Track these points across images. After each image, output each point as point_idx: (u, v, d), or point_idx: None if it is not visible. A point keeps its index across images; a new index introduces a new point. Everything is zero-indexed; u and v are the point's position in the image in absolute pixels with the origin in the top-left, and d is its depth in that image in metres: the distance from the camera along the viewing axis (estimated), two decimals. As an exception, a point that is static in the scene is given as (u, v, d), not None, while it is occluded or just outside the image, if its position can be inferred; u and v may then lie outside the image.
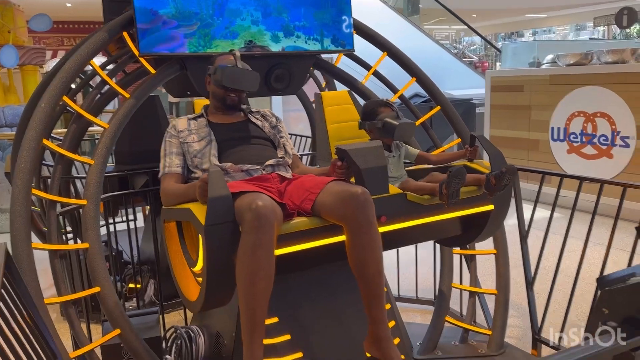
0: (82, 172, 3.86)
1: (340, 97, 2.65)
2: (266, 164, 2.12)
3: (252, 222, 1.62)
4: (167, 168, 2.14)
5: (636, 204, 2.21)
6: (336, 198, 1.80)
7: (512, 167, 2.03)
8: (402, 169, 2.36)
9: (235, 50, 2.23)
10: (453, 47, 17.67)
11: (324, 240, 1.88)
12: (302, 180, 2.02)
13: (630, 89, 4.86)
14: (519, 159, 5.89)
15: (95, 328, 2.85)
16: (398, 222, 2.03)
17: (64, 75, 2.16)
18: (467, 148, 2.27)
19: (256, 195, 1.70)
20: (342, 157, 1.96)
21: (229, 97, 2.21)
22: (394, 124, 2.22)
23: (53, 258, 2.12)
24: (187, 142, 2.17)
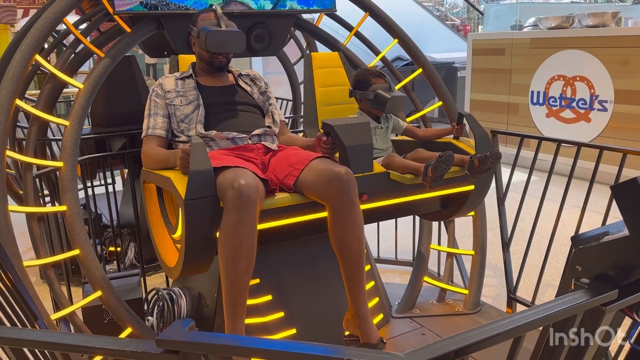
0: (58, 134, 3.78)
1: (330, 59, 2.59)
2: (252, 134, 2.08)
3: (234, 200, 1.60)
4: (151, 130, 2.09)
5: (612, 167, 2.25)
6: (319, 177, 1.79)
7: (496, 152, 2.02)
8: (388, 141, 2.34)
9: (216, 7, 2.14)
10: (435, 10, 17.45)
11: (305, 216, 1.88)
12: (287, 154, 1.99)
13: (609, 53, 4.89)
14: (498, 123, 5.94)
15: (76, 291, 2.84)
16: (380, 201, 2.03)
17: (36, 33, 2.09)
18: (454, 125, 2.25)
19: (239, 172, 1.67)
20: (327, 133, 1.93)
21: (216, 60, 2.15)
22: (386, 97, 2.18)
23: (30, 221, 2.09)
24: (174, 104, 2.10)
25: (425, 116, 2.88)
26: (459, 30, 11.94)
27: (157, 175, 1.93)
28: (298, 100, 4.36)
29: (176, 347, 0.77)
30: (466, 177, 2.10)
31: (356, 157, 1.90)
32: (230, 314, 1.68)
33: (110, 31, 2.57)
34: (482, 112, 6.17)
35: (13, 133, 2.90)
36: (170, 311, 2.37)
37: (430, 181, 1.95)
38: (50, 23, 2.12)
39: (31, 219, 2.09)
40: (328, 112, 2.51)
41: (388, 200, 2.05)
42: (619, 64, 4.83)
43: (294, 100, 4.38)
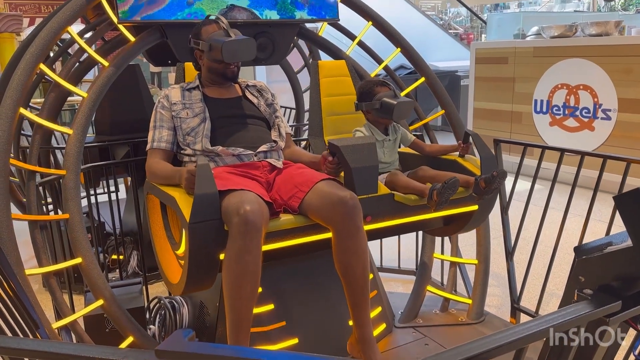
0: (62, 142, 3.79)
1: (337, 68, 2.58)
2: (258, 150, 2.06)
3: (240, 227, 1.60)
4: (156, 143, 2.08)
5: (616, 176, 2.24)
6: (324, 201, 1.77)
7: (502, 171, 2.00)
8: (395, 153, 2.32)
9: (220, 17, 2.13)
10: (439, 19, 17.51)
11: (309, 237, 1.87)
12: (292, 173, 1.98)
13: (613, 62, 4.89)
14: (502, 131, 5.93)
15: (78, 299, 2.84)
16: (383, 221, 2.02)
17: (41, 42, 2.10)
18: (460, 144, 2.22)
19: (244, 197, 1.66)
20: (333, 153, 1.92)
21: (229, 70, 2.13)
22: (392, 104, 2.15)
23: (33, 229, 2.09)
24: (180, 116, 2.08)
25: (428, 124, 2.88)
26: (462, 39, 11.97)
27: (161, 192, 1.92)
28: (301, 108, 4.38)
29: (175, 357, 0.76)
30: (471, 197, 2.08)
31: (361, 178, 1.89)
32: (233, 339, 1.68)
33: (115, 40, 2.59)
34: (485, 121, 6.16)
35: (17, 141, 2.91)
36: (172, 320, 2.37)
37: (435, 205, 1.94)
38: (55, 32, 2.14)
39: (34, 227, 2.09)
40: (334, 121, 2.49)
41: (392, 221, 2.04)
42: (622, 73, 4.82)
43: (297, 108, 4.39)
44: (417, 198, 2.02)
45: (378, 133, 2.25)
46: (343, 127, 2.48)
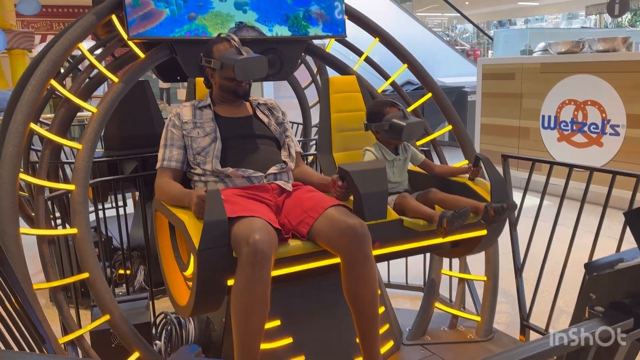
0: (71, 157, 3.82)
1: (348, 84, 2.57)
2: (268, 172, 2.05)
3: (249, 257, 1.60)
4: (166, 162, 2.07)
5: (625, 192, 2.22)
6: (333, 228, 1.77)
7: (513, 204, 2.00)
8: (405, 173, 2.31)
9: (231, 35, 2.15)
10: (445, 35, 17.61)
11: (318, 263, 1.87)
12: (301, 198, 1.97)
13: (621, 78, 4.88)
14: (509, 147, 5.91)
15: (85, 314, 2.84)
16: (392, 246, 2.01)
17: (52, 58, 2.13)
18: (471, 167, 2.20)
19: (254, 225, 1.65)
20: (343, 177, 1.92)
21: (241, 88, 2.13)
22: (402, 125, 2.14)
23: (41, 243, 2.10)
24: (191, 136, 2.07)
25: (435, 140, 2.88)
26: (469, 55, 12.02)
27: (170, 213, 1.92)
28: (308, 123, 4.39)
29: (182, 373, 0.76)
30: (480, 223, 2.06)
31: (371, 204, 1.88)
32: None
33: (124, 56, 2.62)
34: (493, 136, 6.15)
35: (27, 156, 2.94)
36: (178, 335, 2.36)
37: (445, 232, 1.93)
38: (66, 49, 2.17)
39: (42, 242, 2.10)
40: (343, 138, 2.48)
41: (400, 246, 2.03)
42: (630, 89, 4.81)
43: (304, 123, 4.41)
44: (426, 223, 2.00)
45: (388, 153, 2.25)
46: (352, 143, 2.47)
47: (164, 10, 2.32)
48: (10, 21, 8.71)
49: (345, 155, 2.46)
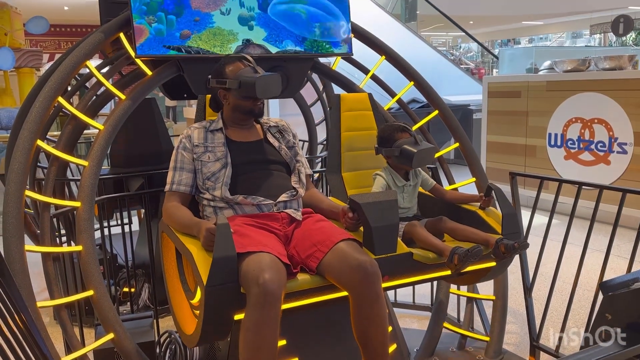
0: (78, 174, 3.83)
1: (359, 102, 2.52)
2: (278, 200, 2.01)
3: (259, 298, 1.57)
4: (175, 185, 2.04)
5: (634, 211, 2.20)
6: (343, 264, 1.74)
7: (524, 243, 1.97)
8: (415, 198, 2.28)
9: (246, 56, 2.13)
10: (450, 54, 17.71)
11: (326, 296, 1.84)
12: (311, 229, 1.93)
13: (627, 96, 4.87)
14: (516, 165, 5.89)
15: (89, 332, 2.81)
16: (400, 279, 1.98)
17: (59, 76, 2.14)
18: (482, 197, 2.16)
19: (263, 262, 1.63)
20: (354, 209, 1.90)
21: (257, 107, 2.11)
22: (412, 152, 2.10)
23: (46, 260, 2.09)
24: (201, 159, 2.04)
25: (441, 157, 2.87)
26: (474, 73, 12.07)
27: (178, 241, 1.89)
28: (314, 141, 4.40)
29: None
30: (489, 255, 2.02)
31: (381, 238, 1.85)
32: None
33: (132, 74, 2.63)
34: (499, 154, 6.14)
35: (33, 173, 2.94)
36: (183, 355, 2.32)
37: (455, 269, 1.90)
38: (73, 66, 2.18)
39: (47, 259, 2.09)
40: (352, 157, 2.43)
41: (409, 279, 2.00)
42: (637, 107, 4.79)
43: (310, 141, 4.41)
44: (436, 257, 1.97)
45: (398, 178, 2.22)
46: (362, 163, 2.43)
47: (145, 28, 2.27)
48: (19, 40, 8.83)
49: (354, 175, 2.43)
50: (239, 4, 2.47)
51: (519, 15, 21.44)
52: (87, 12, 11.10)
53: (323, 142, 4.59)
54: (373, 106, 2.54)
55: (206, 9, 2.40)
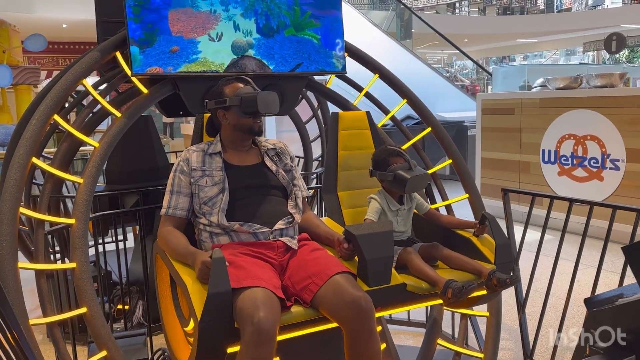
0: (74, 191, 3.83)
1: (357, 120, 2.52)
2: (275, 228, 2.00)
3: (253, 337, 1.57)
4: (172, 210, 2.03)
5: (626, 226, 2.22)
6: (337, 299, 1.74)
7: (516, 278, 1.98)
8: (409, 222, 2.29)
9: (244, 77, 2.15)
10: (445, 71, 17.87)
11: (320, 327, 1.84)
12: (306, 260, 1.93)
13: (619, 113, 4.92)
14: (510, 181, 5.92)
15: (82, 350, 2.79)
16: (394, 308, 1.99)
17: (55, 94, 2.16)
18: (477, 225, 2.17)
19: (258, 299, 1.62)
20: (349, 240, 1.92)
21: (257, 124, 2.11)
22: (406, 177, 2.11)
23: (39, 278, 2.09)
24: (198, 184, 2.03)
25: (435, 173, 2.89)
26: (469, 90, 12.16)
27: (173, 270, 1.88)
28: (309, 157, 4.42)
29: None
30: (481, 284, 2.03)
31: (376, 270, 1.86)
32: None
33: (128, 92, 2.66)
34: (493, 170, 6.17)
35: (29, 190, 2.95)
36: (176, 373, 2.31)
37: (448, 302, 1.91)
38: (69, 84, 2.21)
39: (40, 276, 2.09)
40: (348, 176, 2.43)
41: (402, 308, 2.02)
42: (629, 124, 4.85)
43: (305, 157, 4.44)
44: (429, 287, 1.97)
45: (393, 202, 2.23)
46: (358, 182, 2.42)
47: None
48: (17, 57, 8.87)
49: (350, 194, 2.42)
50: (233, 27, 2.45)
51: (513, 33, 21.71)
52: (85, 30, 11.19)
53: (318, 159, 4.62)
54: (371, 124, 2.54)
55: (191, 34, 2.36)
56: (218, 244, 1.97)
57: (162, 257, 2.03)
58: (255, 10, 2.49)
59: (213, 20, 2.42)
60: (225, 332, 1.65)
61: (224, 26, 2.44)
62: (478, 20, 23.86)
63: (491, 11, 25.72)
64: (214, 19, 2.42)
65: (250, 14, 2.48)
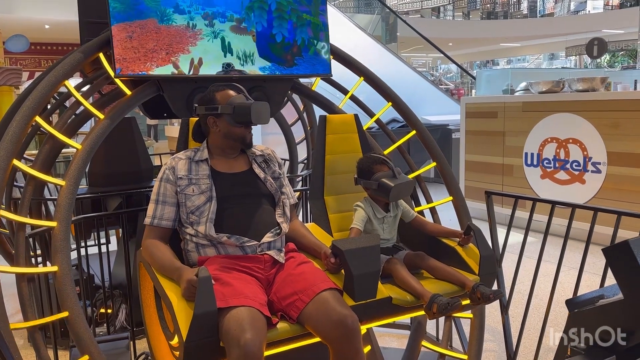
0: (55, 194, 3.79)
1: (345, 124, 2.50)
2: (262, 242, 1.98)
3: (239, 359, 1.55)
4: (157, 220, 1.99)
5: (607, 228, 2.25)
6: (324, 318, 1.73)
7: (499, 293, 2.00)
8: (395, 229, 2.29)
9: (236, 85, 2.12)
10: (430, 75, 17.98)
11: (306, 341, 1.83)
12: (292, 274, 1.91)
13: (600, 116, 5.00)
14: (493, 184, 5.98)
15: (63, 354, 2.76)
16: (379, 321, 1.99)
17: (37, 95, 2.13)
18: (462, 235, 2.18)
19: (244, 321, 1.61)
20: (336, 254, 1.92)
21: (248, 135, 2.09)
22: (390, 185, 2.12)
23: (20, 281, 2.06)
24: (185, 192, 1.98)
25: (420, 176, 2.91)
26: (453, 94, 12.25)
27: (159, 284, 1.85)
28: (295, 160, 4.42)
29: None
30: (465, 295, 2.04)
31: (362, 284, 1.86)
32: None
33: (111, 93, 2.64)
34: (477, 173, 6.23)
35: (9, 193, 2.91)
36: (160, 377, 2.29)
37: (433, 316, 1.92)
38: (52, 86, 2.18)
39: (21, 280, 2.06)
40: (335, 180, 2.42)
41: (386, 320, 2.02)
42: (610, 127, 4.92)
43: (291, 160, 4.43)
44: (414, 299, 1.97)
45: (378, 210, 2.23)
46: (345, 187, 2.41)
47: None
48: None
49: (337, 198, 2.41)
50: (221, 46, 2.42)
51: (497, 37, 21.95)
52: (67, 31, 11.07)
53: (304, 161, 4.62)
54: (359, 128, 2.53)
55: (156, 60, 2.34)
56: (204, 255, 1.95)
57: (146, 268, 2.00)
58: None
59: (189, 39, 2.39)
60: (210, 351, 1.63)
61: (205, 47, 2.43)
62: (462, 24, 24.10)
63: (475, 15, 25.99)
64: (191, 37, 2.40)
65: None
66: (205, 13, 2.40)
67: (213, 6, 2.41)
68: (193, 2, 2.37)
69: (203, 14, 2.39)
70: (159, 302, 2.00)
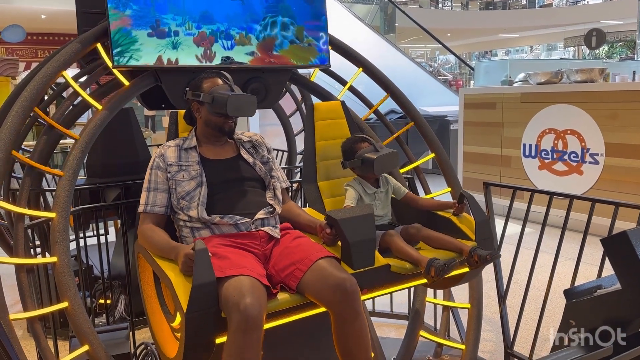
0: (54, 185, 3.78)
1: (332, 110, 2.56)
2: (255, 218, 2.00)
3: (240, 324, 1.57)
4: (150, 207, 2.01)
5: (605, 219, 2.26)
6: (322, 283, 1.75)
7: (496, 254, 2.02)
8: (388, 206, 2.31)
9: (224, 73, 2.14)
10: (428, 65, 17.94)
11: (307, 312, 1.84)
12: (289, 247, 1.93)
13: (598, 107, 5.00)
14: (491, 175, 5.99)
15: (63, 344, 2.77)
16: (379, 290, 2.00)
17: (35, 86, 2.12)
18: (456, 204, 2.21)
19: (243, 287, 1.62)
20: (331, 225, 1.93)
21: (227, 125, 2.10)
22: (372, 158, 2.16)
23: (19, 272, 2.06)
24: (175, 179, 2.02)
25: (418, 167, 2.91)
26: (451, 85, 12.24)
27: (156, 265, 1.87)
28: (293, 151, 4.42)
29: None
30: (463, 262, 2.06)
31: (359, 252, 1.88)
32: None
33: (109, 84, 2.62)
34: (475, 164, 6.23)
35: (8, 184, 2.90)
36: (159, 367, 2.30)
37: (432, 281, 1.94)
38: (50, 76, 2.17)
39: (20, 271, 2.06)
40: (327, 166, 2.46)
41: (387, 289, 2.03)
42: (608, 118, 4.93)
43: (289, 151, 4.43)
44: (413, 267, 2.00)
45: (368, 187, 2.26)
46: (337, 172, 2.45)
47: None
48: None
49: (330, 183, 2.45)
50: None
51: (495, 28, 21.89)
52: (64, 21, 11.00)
53: (302, 152, 4.61)
54: (346, 114, 2.58)
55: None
56: (200, 237, 1.96)
57: (144, 255, 2.01)
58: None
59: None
60: (212, 322, 1.64)
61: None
62: (461, 15, 24.00)
63: (474, 6, 25.87)
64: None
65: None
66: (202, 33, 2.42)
67: (213, 23, 2.43)
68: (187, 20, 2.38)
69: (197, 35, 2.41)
70: (159, 288, 2.02)
